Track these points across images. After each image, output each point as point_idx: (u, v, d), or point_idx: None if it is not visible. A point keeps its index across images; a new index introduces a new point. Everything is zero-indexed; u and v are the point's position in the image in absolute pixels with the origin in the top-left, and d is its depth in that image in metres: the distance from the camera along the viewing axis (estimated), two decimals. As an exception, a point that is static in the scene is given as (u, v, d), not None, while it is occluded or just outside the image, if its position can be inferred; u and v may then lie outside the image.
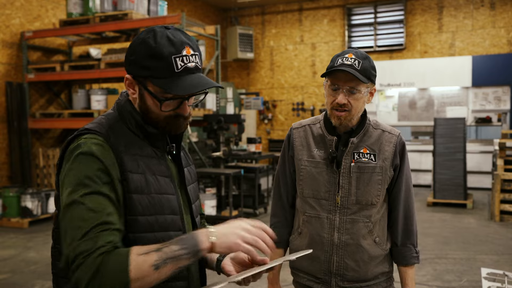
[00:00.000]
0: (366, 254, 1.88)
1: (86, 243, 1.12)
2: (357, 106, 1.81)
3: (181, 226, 1.34)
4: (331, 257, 1.88)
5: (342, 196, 1.87)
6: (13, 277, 4.66)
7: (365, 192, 1.86)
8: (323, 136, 1.92)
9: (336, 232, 1.87)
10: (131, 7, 7.03)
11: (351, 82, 1.78)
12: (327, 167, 1.89)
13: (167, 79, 1.25)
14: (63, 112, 7.53)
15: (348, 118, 1.83)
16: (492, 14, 10.52)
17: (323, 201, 1.89)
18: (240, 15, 12.98)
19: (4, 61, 7.43)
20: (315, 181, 1.90)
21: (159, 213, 1.29)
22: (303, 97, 12.39)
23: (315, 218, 1.91)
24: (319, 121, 1.98)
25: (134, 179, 1.25)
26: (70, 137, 1.30)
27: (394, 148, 1.90)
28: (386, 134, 1.92)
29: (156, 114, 1.32)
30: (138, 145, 1.32)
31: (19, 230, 6.60)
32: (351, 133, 1.89)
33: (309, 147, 1.94)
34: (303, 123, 2.02)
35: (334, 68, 1.78)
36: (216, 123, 7.32)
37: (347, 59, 1.78)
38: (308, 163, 1.93)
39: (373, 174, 1.87)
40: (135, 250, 1.14)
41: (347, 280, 1.89)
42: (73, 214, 1.16)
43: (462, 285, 4.39)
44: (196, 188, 1.55)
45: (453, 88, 10.30)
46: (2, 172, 7.43)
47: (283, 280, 4.56)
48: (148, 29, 1.31)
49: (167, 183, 1.34)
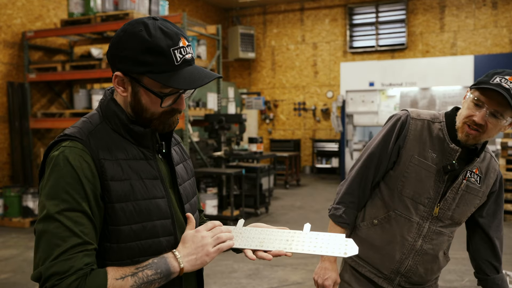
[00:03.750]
0: (437, 265, 1.91)
1: (61, 264, 1.10)
2: (491, 132, 1.68)
3: (172, 231, 1.30)
4: (406, 260, 1.87)
5: (441, 208, 1.82)
6: (15, 276, 4.66)
7: (462, 211, 1.85)
8: (443, 141, 1.79)
9: (421, 239, 1.85)
10: (132, 7, 7.03)
11: (499, 106, 1.63)
12: (436, 173, 1.79)
13: (167, 73, 1.19)
14: (64, 112, 7.54)
15: (476, 139, 1.71)
16: (494, 13, 10.50)
17: (421, 206, 1.82)
18: (242, 15, 12.98)
19: (5, 61, 7.44)
20: (421, 184, 1.81)
21: (146, 220, 1.24)
22: (304, 97, 12.38)
23: (406, 219, 1.84)
24: (440, 121, 1.83)
25: (116, 187, 1.20)
26: (51, 143, 1.24)
27: (497, 177, 1.88)
28: (493, 160, 1.89)
29: (151, 112, 1.25)
30: (124, 148, 1.25)
31: (21, 230, 6.61)
32: (475, 151, 1.80)
33: (423, 145, 1.81)
34: (421, 115, 1.85)
35: (489, 86, 1.62)
36: (217, 123, 7.32)
37: (506, 81, 1.61)
38: (419, 162, 1.81)
39: (476, 198, 1.85)
40: (111, 274, 1.14)
41: (410, 283, 1.90)
42: (49, 230, 1.12)
43: (464, 284, 4.38)
44: (193, 184, 1.48)
45: (455, 87, 10.28)
46: (3, 172, 7.44)
47: (284, 280, 4.57)
48: (134, 22, 1.22)
49: (156, 186, 1.28)
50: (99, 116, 1.29)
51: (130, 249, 1.22)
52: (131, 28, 1.21)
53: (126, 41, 1.20)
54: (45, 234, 1.13)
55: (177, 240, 1.30)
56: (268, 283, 4.46)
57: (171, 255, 1.23)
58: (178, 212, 1.35)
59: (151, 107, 1.25)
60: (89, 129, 1.24)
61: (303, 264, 4.95)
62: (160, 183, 1.30)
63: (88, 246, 1.14)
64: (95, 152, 1.20)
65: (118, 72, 1.23)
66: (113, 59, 1.24)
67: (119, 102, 1.29)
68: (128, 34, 1.21)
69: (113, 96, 1.30)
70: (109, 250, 1.21)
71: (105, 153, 1.21)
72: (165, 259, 1.21)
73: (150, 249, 1.24)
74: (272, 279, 4.56)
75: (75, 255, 1.11)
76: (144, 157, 1.29)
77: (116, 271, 1.15)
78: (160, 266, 1.20)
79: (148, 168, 1.28)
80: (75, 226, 1.13)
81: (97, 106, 1.32)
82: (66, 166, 1.16)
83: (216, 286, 4.41)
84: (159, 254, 1.24)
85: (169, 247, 1.28)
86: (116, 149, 1.24)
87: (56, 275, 1.09)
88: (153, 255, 1.24)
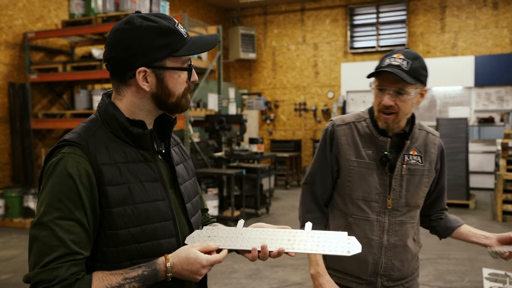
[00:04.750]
0: (410, 254, 1.90)
1: (47, 272, 1.12)
2: (404, 108, 1.75)
3: (174, 232, 1.31)
4: (379, 259, 1.87)
5: (393, 199, 1.85)
6: (15, 277, 4.67)
7: (414, 194, 1.87)
8: (372, 136, 1.85)
9: (385, 234, 1.86)
10: (133, 7, 7.04)
11: (398, 84, 1.72)
12: (377, 168, 1.84)
13: (184, 47, 1.28)
14: (65, 112, 7.55)
15: (396, 121, 1.78)
16: (495, 14, 10.50)
17: (374, 203, 1.85)
18: (242, 16, 12.99)
19: (6, 62, 7.45)
20: (366, 183, 1.84)
21: (145, 223, 1.25)
22: (305, 98, 12.38)
23: (364, 220, 1.86)
24: (364, 119, 1.90)
25: (114, 192, 1.21)
26: (51, 149, 1.25)
27: (438, 150, 1.91)
28: (430, 135, 1.92)
29: (177, 94, 1.31)
30: (123, 151, 1.27)
31: (22, 231, 6.62)
32: (404, 135, 1.84)
33: (356, 147, 1.87)
34: (345, 119, 1.92)
35: (380, 69, 1.73)
36: (218, 123, 7.33)
37: (395, 59, 1.72)
38: (357, 163, 1.85)
39: (422, 177, 1.88)
40: (96, 283, 1.15)
41: (392, 280, 1.90)
42: (40, 237, 1.15)
43: (464, 285, 4.38)
44: (194, 184, 1.49)
45: (455, 88, 10.28)
46: (4, 173, 7.45)
47: (284, 280, 4.57)
48: (127, 20, 1.27)
49: (156, 188, 1.29)
50: (98, 120, 1.30)
51: (128, 252, 1.23)
52: (131, 26, 1.25)
53: (137, 36, 1.24)
54: (36, 240, 1.15)
55: (179, 241, 1.31)
56: (268, 283, 4.47)
57: (163, 270, 1.23)
58: (180, 212, 1.36)
59: (177, 89, 1.31)
60: (88, 133, 1.26)
61: (304, 265, 4.95)
62: (161, 185, 1.31)
63: (77, 256, 1.16)
64: (94, 157, 1.21)
65: (141, 68, 1.26)
66: (129, 60, 1.25)
67: (118, 105, 1.31)
68: (134, 31, 1.24)
69: (110, 100, 1.32)
70: (107, 253, 1.22)
71: (103, 157, 1.23)
72: (156, 273, 1.22)
73: (150, 252, 1.25)
74: (272, 280, 4.56)
75: (61, 264, 1.13)
76: (144, 160, 1.30)
77: (102, 280, 1.16)
78: (149, 279, 1.21)
79: (148, 171, 1.30)
80: (65, 235, 1.15)
81: (95, 111, 1.34)
82: (63, 174, 1.18)
83: (216, 286, 4.42)
84: (159, 256, 1.25)
85: (170, 248, 1.28)
86: (115, 153, 1.25)
87: (42, 283, 1.12)
88: (153, 256, 1.24)
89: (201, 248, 1.26)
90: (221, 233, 1.36)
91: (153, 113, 1.34)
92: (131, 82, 1.29)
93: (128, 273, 1.19)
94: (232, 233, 1.35)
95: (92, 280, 1.16)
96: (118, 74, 1.29)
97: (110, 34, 1.30)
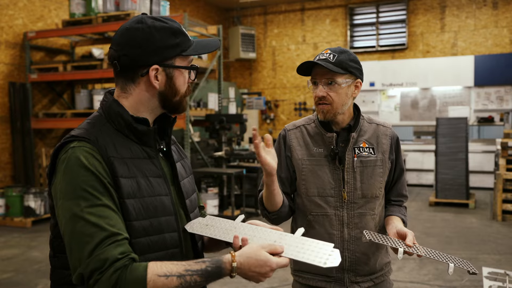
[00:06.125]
0: (374, 246, 1.90)
1: (94, 260, 1.11)
2: (338, 98, 1.84)
3: (176, 227, 1.33)
4: (343, 254, 1.88)
5: (348, 192, 1.88)
6: (17, 276, 4.69)
7: (370, 185, 1.90)
8: (321, 134, 1.93)
9: (345, 228, 1.88)
10: (133, 7, 7.05)
11: (327, 75, 1.83)
12: (329, 164, 1.90)
13: (191, 47, 1.35)
14: (65, 112, 7.56)
15: (332, 112, 1.86)
16: (495, 13, 10.51)
17: (330, 198, 1.89)
18: (242, 15, 12.99)
19: (7, 62, 7.46)
20: (319, 179, 1.90)
21: (152, 216, 1.27)
22: (305, 97, 12.40)
23: (323, 216, 1.90)
24: (313, 120, 2.00)
25: (125, 184, 1.23)
26: (58, 144, 1.26)
27: (390, 140, 1.97)
28: (381, 127, 1.98)
29: (181, 93, 1.36)
30: (128, 147, 1.29)
31: (22, 230, 6.63)
32: (350, 129, 1.92)
33: (307, 147, 1.95)
34: (296, 124, 2.04)
35: (305, 62, 1.86)
36: (218, 123, 7.34)
37: (322, 54, 1.86)
38: (309, 162, 1.92)
39: (375, 167, 1.91)
40: (153, 269, 1.13)
41: (359, 274, 1.90)
42: (75, 230, 1.14)
43: (464, 284, 4.40)
44: (192, 182, 1.53)
45: (455, 87, 10.29)
46: (5, 172, 7.47)
47: (284, 280, 4.58)
48: (138, 19, 1.31)
49: (160, 184, 1.32)
50: (102, 117, 1.32)
51: (141, 245, 1.24)
52: (143, 25, 1.29)
53: (151, 35, 1.28)
54: (73, 234, 1.15)
55: (181, 235, 1.34)
56: (268, 282, 4.48)
57: (228, 269, 1.20)
58: (180, 208, 1.40)
59: (182, 87, 1.36)
60: (95, 129, 1.28)
61: (304, 264, 4.96)
62: (163, 181, 1.34)
63: (117, 236, 1.15)
64: (104, 150, 1.23)
65: (154, 65, 1.29)
66: (143, 58, 1.28)
67: (122, 103, 1.33)
68: (147, 29, 1.28)
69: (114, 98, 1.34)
70: None
71: (112, 151, 1.25)
72: (219, 271, 1.20)
73: (156, 245, 1.27)
74: (273, 279, 4.58)
75: (106, 248, 1.13)
76: (148, 156, 1.33)
77: (160, 267, 1.15)
78: (212, 276, 1.19)
79: (152, 167, 1.32)
80: (100, 220, 1.15)
81: (99, 108, 1.36)
82: (78, 166, 1.19)
83: (216, 286, 4.43)
84: (164, 250, 1.27)
85: (173, 242, 1.31)
86: (122, 148, 1.28)
87: (96, 271, 1.11)
88: (159, 251, 1.26)
89: (269, 249, 1.24)
90: (218, 224, 1.42)
91: (155, 111, 1.37)
92: (141, 80, 1.31)
93: (191, 265, 1.18)
94: (229, 225, 1.41)
95: (148, 265, 1.15)
96: (128, 72, 1.31)
97: (119, 33, 1.31)
